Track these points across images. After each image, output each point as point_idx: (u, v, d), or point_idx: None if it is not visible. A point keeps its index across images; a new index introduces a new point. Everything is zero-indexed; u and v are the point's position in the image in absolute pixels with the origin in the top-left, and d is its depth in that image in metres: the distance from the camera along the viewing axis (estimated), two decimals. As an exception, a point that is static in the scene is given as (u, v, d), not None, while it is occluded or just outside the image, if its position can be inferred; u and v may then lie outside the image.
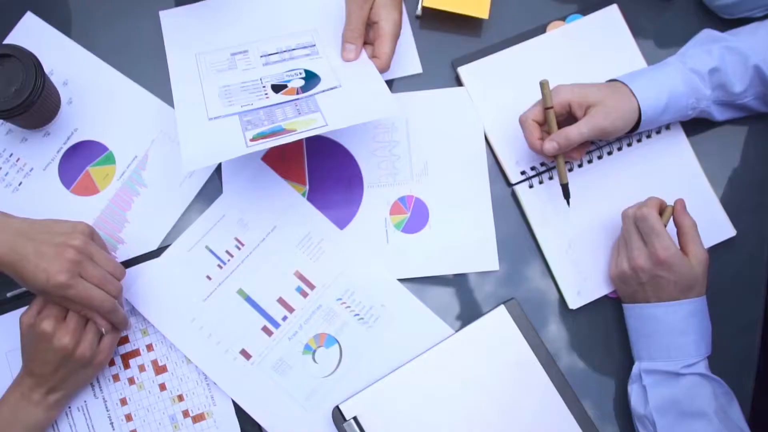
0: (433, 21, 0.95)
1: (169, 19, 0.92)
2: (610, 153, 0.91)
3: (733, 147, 0.94)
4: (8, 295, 0.87)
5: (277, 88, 0.85)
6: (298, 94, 0.84)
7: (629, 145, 0.92)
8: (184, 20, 0.92)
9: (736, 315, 0.90)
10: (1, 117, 0.83)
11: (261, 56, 0.88)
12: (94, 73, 0.93)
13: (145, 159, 0.91)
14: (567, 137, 0.83)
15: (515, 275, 0.90)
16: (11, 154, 0.91)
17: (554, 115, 0.85)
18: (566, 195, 0.88)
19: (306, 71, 0.87)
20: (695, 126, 0.93)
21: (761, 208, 0.93)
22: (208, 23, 0.92)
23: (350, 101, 0.81)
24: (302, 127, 0.77)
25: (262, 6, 0.93)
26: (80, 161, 0.91)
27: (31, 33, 0.93)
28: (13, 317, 0.86)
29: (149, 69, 0.93)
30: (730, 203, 0.92)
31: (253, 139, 0.77)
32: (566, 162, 0.88)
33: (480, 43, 0.94)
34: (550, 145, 0.84)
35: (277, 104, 0.82)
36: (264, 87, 0.85)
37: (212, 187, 0.91)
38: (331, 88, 0.83)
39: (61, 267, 0.76)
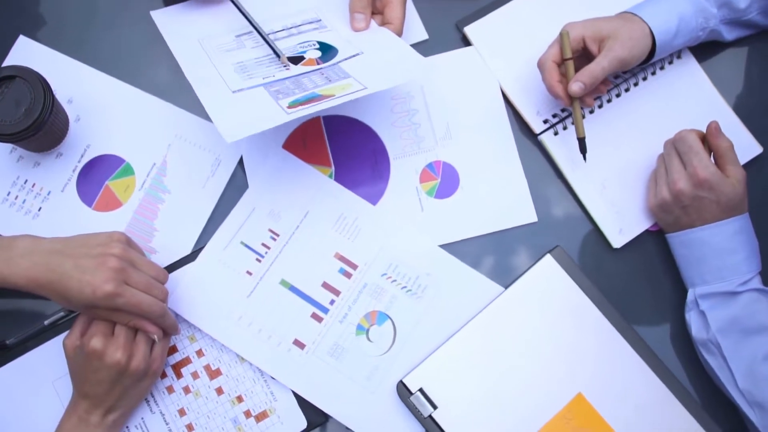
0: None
1: (163, 16, 0.90)
2: (627, 90, 0.92)
3: (745, 66, 0.95)
4: (46, 323, 0.85)
5: (295, 60, 0.83)
6: (318, 64, 0.82)
7: (644, 79, 0.92)
8: (178, 15, 0.90)
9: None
10: (13, 140, 0.81)
11: (268, 34, 0.87)
12: (98, 86, 0.91)
13: (164, 165, 0.89)
14: (591, 74, 0.83)
15: (554, 224, 0.90)
16: (26, 181, 0.88)
17: (573, 62, 0.85)
18: (583, 150, 0.87)
19: (319, 43, 0.85)
20: (705, 51, 0.93)
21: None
22: (204, 14, 0.90)
23: (379, 65, 0.80)
24: (339, 92, 0.76)
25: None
26: (98, 177, 0.89)
27: (28, 56, 0.91)
28: (55, 344, 0.84)
29: (152, 74, 0.92)
30: (751, 122, 0.92)
31: (290, 107, 0.75)
32: (582, 109, 0.88)
33: (481, 1, 0.94)
34: (576, 86, 0.83)
35: (302, 74, 0.81)
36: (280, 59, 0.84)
37: (237, 182, 0.89)
38: (354, 56, 0.82)
39: (106, 277, 0.74)
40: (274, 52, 0.83)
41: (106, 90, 0.91)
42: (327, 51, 0.84)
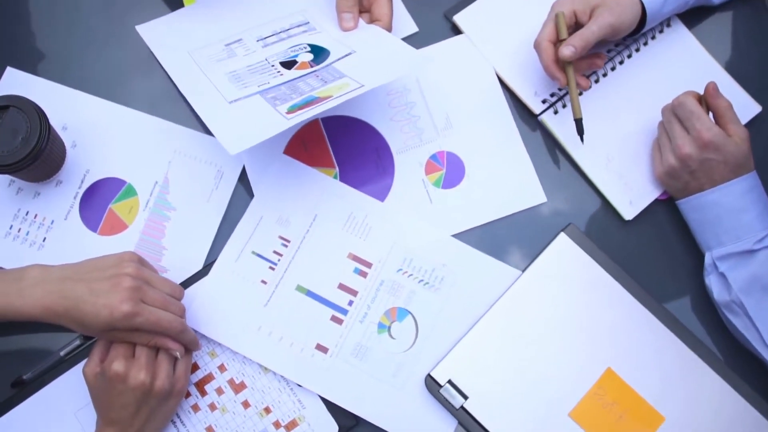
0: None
1: (149, 30, 0.89)
2: (621, 62, 0.92)
3: (731, 29, 0.95)
4: (62, 353, 0.83)
5: (288, 65, 0.83)
6: (312, 66, 0.82)
7: (637, 50, 0.92)
8: (165, 27, 0.90)
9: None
10: (13, 170, 0.79)
11: (257, 41, 0.86)
12: (91, 110, 0.90)
13: (166, 182, 0.88)
14: (582, 38, 0.83)
15: (564, 202, 0.90)
16: (27, 212, 0.87)
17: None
18: (580, 131, 0.87)
19: (310, 45, 0.85)
20: (693, 18, 0.94)
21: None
22: (190, 25, 0.90)
23: (373, 62, 0.80)
24: (336, 92, 0.75)
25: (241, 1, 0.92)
26: (100, 201, 0.88)
27: (17, 87, 0.89)
28: (73, 375, 0.82)
29: (144, 92, 0.91)
30: (747, 82, 0.92)
31: (289, 112, 0.74)
32: (579, 91, 0.89)
33: (467, -12, 0.95)
34: (567, 50, 0.83)
35: (296, 78, 0.80)
36: (273, 66, 0.83)
37: (241, 193, 0.88)
38: (346, 55, 0.82)
39: (122, 297, 0.72)
40: None
41: (100, 113, 0.90)
42: (319, 53, 0.84)
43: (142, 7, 0.93)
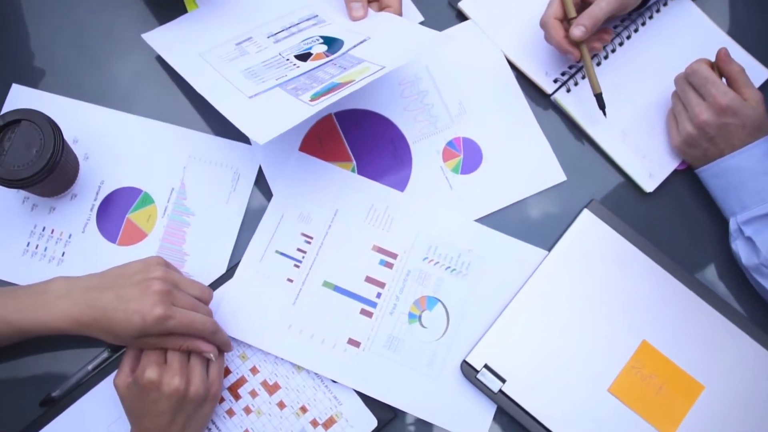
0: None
1: (156, 38, 0.88)
2: (629, 37, 0.92)
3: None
4: (90, 367, 0.81)
5: (303, 57, 0.82)
6: (327, 56, 0.81)
7: (643, 24, 0.92)
8: (171, 33, 0.89)
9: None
10: (29, 183, 0.78)
11: (268, 37, 0.86)
12: (101, 121, 0.89)
13: (182, 188, 0.87)
14: (591, 16, 0.83)
15: (584, 179, 0.89)
16: (44, 228, 0.85)
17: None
18: (601, 105, 0.87)
19: (322, 37, 0.84)
20: (695, -12, 0.95)
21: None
22: (197, 28, 0.89)
23: (389, 45, 0.80)
24: (358, 76, 0.74)
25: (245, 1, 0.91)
26: (118, 211, 0.86)
27: (24, 103, 0.88)
28: (103, 388, 0.81)
29: (152, 99, 0.90)
30: (752, 48, 0.93)
31: (312, 99, 0.74)
32: (593, 57, 0.88)
33: (468, -25, 0.95)
34: (578, 30, 0.83)
35: (314, 68, 0.80)
36: (288, 60, 0.82)
37: (260, 193, 0.87)
38: (361, 42, 0.81)
39: (153, 301, 0.71)
40: None
41: (110, 123, 0.89)
42: (332, 43, 0.83)
43: (144, 18, 0.92)
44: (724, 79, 0.85)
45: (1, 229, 0.85)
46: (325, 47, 0.83)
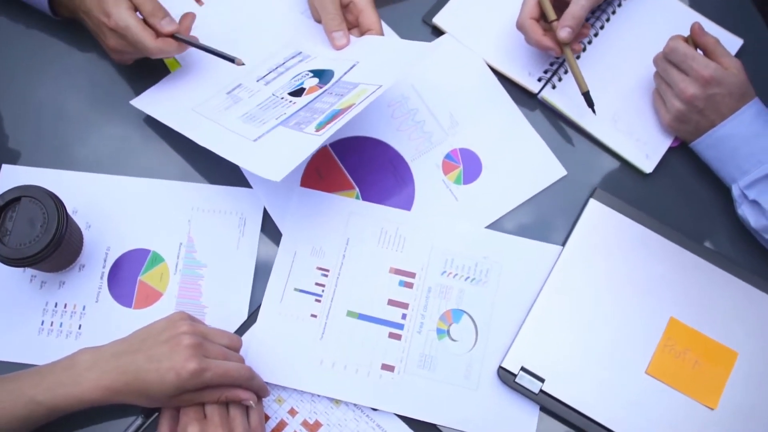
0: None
1: (145, 102, 0.88)
2: (602, 27, 0.94)
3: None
4: (126, 436, 0.80)
5: (297, 93, 0.83)
6: (321, 88, 0.82)
7: (614, 12, 0.95)
8: (160, 95, 0.89)
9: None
10: (37, 260, 0.76)
11: (257, 81, 0.86)
12: (98, 188, 0.88)
13: (191, 241, 0.86)
14: (573, 16, 0.85)
15: (584, 170, 0.91)
16: (56, 304, 0.84)
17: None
18: (590, 103, 0.88)
19: (311, 71, 0.85)
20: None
21: (748, 13, 0.97)
22: (184, 86, 0.89)
23: (381, 64, 0.80)
24: (357, 99, 0.75)
25: (226, 50, 0.91)
26: (129, 275, 0.85)
27: (18, 182, 0.86)
28: (143, 456, 0.79)
29: (145, 159, 0.89)
30: (720, 20, 0.95)
31: (317, 130, 0.74)
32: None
33: (439, -10, 0.97)
34: (564, 32, 0.85)
35: (311, 101, 0.80)
36: (283, 98, 0.82)
37: (269, 234, 0.87)
38: (351, 68, 0.82)
39: (186, 355, 0.70)
40: (226, 58, 0.83)
41: (107, 189, 0.88)
42: (323, 75, 0.84)
43: (126, 84, 0.92)
44: (700, 52, 0.87)
45: (13, 311, 0.83)
46: (316, 80, 0.84)
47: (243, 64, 0.82)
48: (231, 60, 0.82)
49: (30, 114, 0.91)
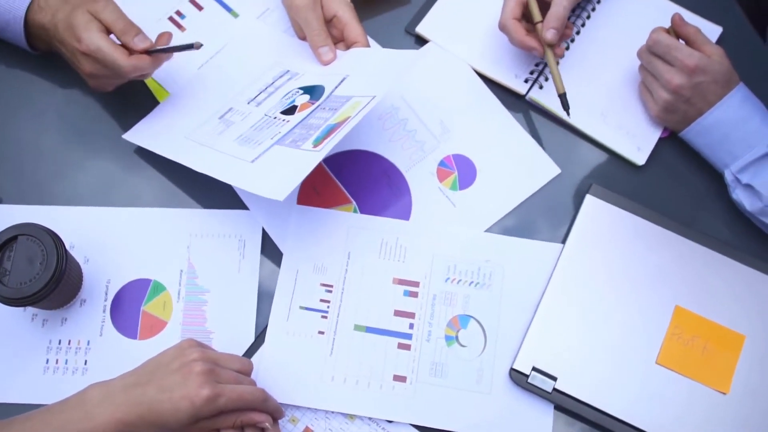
0: (361, 5, 0.95)
1: (138, 135, 0.88)
2: (583, 24, 0.95)
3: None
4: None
5: (289, 111, 0.83)
6: (313, 104, 0.82)
7: (593, 9, 0.96)
8: (151, 127, 0.88)
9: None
10: (38, 299, 0.76)
11: (248, 103, 0.86)
12: (92, 222, 0.87)
13: (191, 268, 0.86)
14: (557, 17, 0.86)
15: (578, 167, 0.91)
16: (59, 341, 0.83)
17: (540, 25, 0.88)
18: (565, 106, 0.89)
19: (301, 88, 0.85)
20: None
21: (724, 1, 0.99)
22: (175, 115, 0.89)
23: (371, 74, 0.81)
24: (352, 112, 0.75)
25: (212, 76, 0.91)
26: (131, 306, 0.84)
27: (13, 220, 0.85)
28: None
29: (140, 190, 0.89)
30: (697, 9, 0.97)
31: (315, 146, 0.74)
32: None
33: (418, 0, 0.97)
34: (550, 34, 0.86)
35: (305, 118, 0.80)
36: (275, 118, 0.83)
37: (270, 254, 0.87)
38: (341, 81, 0.82)
39: (199, 382, 0.70)
40: (186, 48, 0.81)
41: (102, 222, 0.87)
42: (313, 91, 0.84)
43: (111, 118, 0.92)
44: (682, 42, 0.88)
45: (16, 351, 0.82)
46: (307, 96, 0.84)
47: (202, 45, 0.80)
48: (190, 47, 0.80)
49: (11, 152, 0.90)
